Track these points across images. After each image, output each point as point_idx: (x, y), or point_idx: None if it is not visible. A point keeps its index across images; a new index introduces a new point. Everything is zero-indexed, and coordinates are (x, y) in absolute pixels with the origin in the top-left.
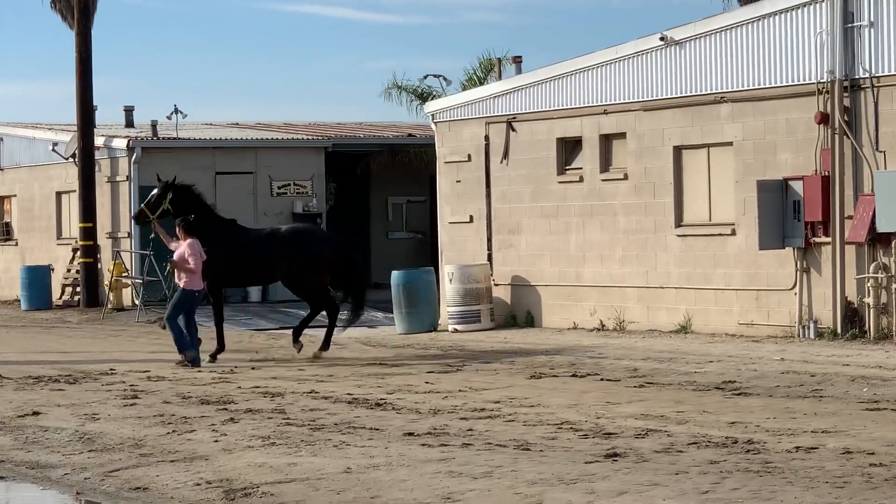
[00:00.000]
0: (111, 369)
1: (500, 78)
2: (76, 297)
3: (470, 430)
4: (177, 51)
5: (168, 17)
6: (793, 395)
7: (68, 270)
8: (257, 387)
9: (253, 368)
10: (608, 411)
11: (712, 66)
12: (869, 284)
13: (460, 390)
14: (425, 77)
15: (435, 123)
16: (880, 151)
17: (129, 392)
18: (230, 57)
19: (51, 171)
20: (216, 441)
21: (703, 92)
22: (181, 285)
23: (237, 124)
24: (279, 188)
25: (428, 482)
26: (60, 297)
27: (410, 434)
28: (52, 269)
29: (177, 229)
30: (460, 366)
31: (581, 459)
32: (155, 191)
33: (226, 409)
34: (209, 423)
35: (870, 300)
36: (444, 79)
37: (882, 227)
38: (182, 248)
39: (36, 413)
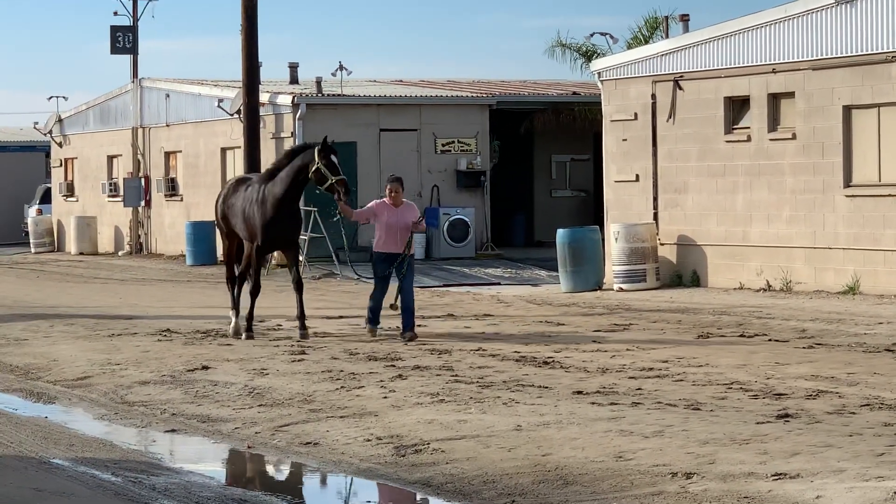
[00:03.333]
0: (278, 325)
1: (667, 36)
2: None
3: (639, 389)
4: (341, 8)
5: None
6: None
7: None
8: (423, 343)
9: (418, 326)
10: (777, 372)
11: (885, 25)
12: None
13: (627, 349)
14: (592, 35)
15: (601, 81)
16: None
17: (297, 348)
18: (393, 14)
19: (216, 127)
20: (385, 397)
21: (875, 51)
22: (411, 253)
23: (401, 81)
24: (443, 145)
25: (599, 440)
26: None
27: (579, 392)
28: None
29: (392, 188)
30: (627, 325)
31: (752, 420)
32: (316, 157)
33: (393, 366)
34: (377, 380)
35: None
36: (611, 37)
37: None
38: (413, 211)
39: (205, 367)
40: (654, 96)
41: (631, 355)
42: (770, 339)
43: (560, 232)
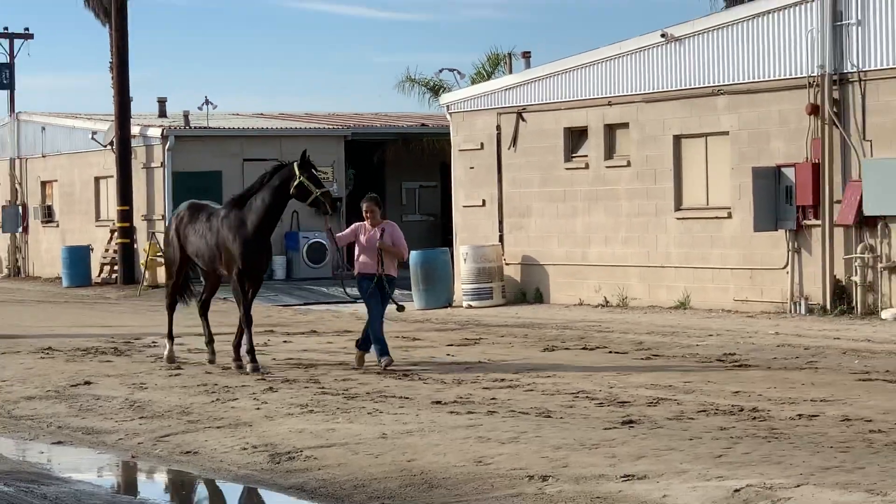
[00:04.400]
0: (153, 342)
1: (510, 72)
2: (114, 275)
3: (493, 398)
4: (205, 45)
5: (194, 14)
6: (790, 367)
7: (106, 250)
8: (290, 358)
9: (285, 342)
10: (620, 381)
11: (710, 61)
12: (856, 264)
13: (480, 361)
14: (441, 71)
15: (450, 114)
16: (867, 140)
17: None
18: (253, 51)
19: (90, 158)
20: (258, 409)
21: (702, 85)
22: (393, 273)
23: (262, 114)
24: None
25: (459, 446)
26: (99, 275)
27: (438, 402)
28: (92, 249)
29: (368, 209)
30: (477, 339)
31: (599, 426)
32: (297, 171)
33: (264, 380)
34: (250, 392)
35: (857, 278)
36: (458, 73)
37: (869, 211)
38: (392, 230)
39: (87, 382)
40: (499, 127)
41: (483, 367)
42: (610, 352)
43: (412, 253)
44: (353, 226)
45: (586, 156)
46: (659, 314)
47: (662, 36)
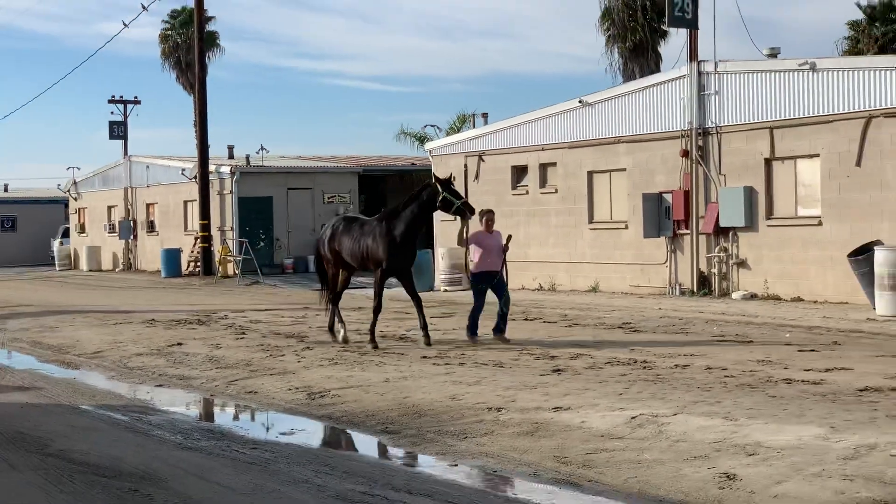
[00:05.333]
0: (225, 315)
1: (473, 126)
2: (197, 269)
3: (463, 353)
4: (261, 107)
5: (254, 87)
6: (669, 332)
7: (191, 252)
8: (322, 326)
9: (316, 315)
10: (551, 342)
11: (613, 120)
12: (714, 260)
13: (453, 329)
14: (425, 126)
15: (431, 156)
16: (722, 174)
17: (239, 330)
18: (295, 112)
19: (180, 187)
20: (298, 362)
21: (607, 136)
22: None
23: (300, 157)
24: (328, 198)
25: (439, 388)
26: (186, 270)
27: (425, 357)
28: (181, 251)
29: (490, 218)
30: (452, 313)
31: (537, 373)
32: (440, 189)
33: (303, 342)
34: (293, 350)
35: (715, 270)
36: (437, 127)
37: (723, 224)
38: (501, 236)
39: (179, 343)
40: (466, 166)
41: (455, 332)
42: (544, 321)
43: None
44: (473, 233)
45: (527, 185)
46: (578, 296)
47: (580, 102)
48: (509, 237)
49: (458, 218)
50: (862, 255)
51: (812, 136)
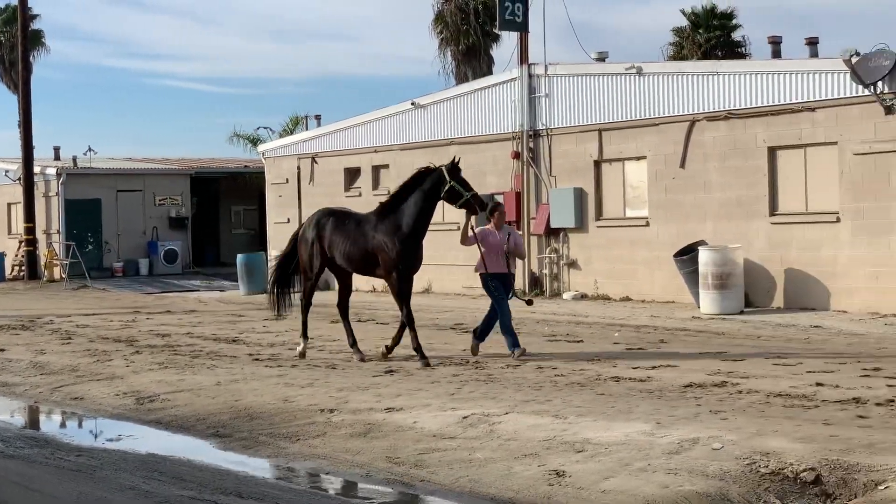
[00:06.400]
0: (51, 320)
1: (307, 129)
2: (21, 274)
3: (296, 356)
4: (88, 107)
5: (81, 86)
6: (499, 332)
7: (16, 255)
8: (151, 330)
9: (147, 318)
10: (384, 343)
11: (445, 122)
12: (546, 261)
13: (286, 331)
14: (258, 129)
15: (265, 159)
16: (552, 176)
17: (65, 335)
18: (124, 113)
19: (4, 189)
20: (127, 366)
21: (439, 138)
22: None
23: (130, 158)
24: (160, 200)
25: (272, 390)
26: (11, 274)
27: (257, 359)
28: (5, 255)
29: (500, 213)
30: (285, 315)
31: (370, 374)
32: (447, 177)
33: (132, 345)
34: (122, 355)
35: (546, 271)
36: (270, 130)
37: (554, 225)
38: (514, 234)
39: (1, 350)
40: (299, 168)
41: (288, 334)
42: (376, 323)
43: (239, 256)
44: (479, 229)
45: (360, 187)
46: (412, 297)
47: (412, 104)
48: (509, 235)
49: (465, 211)
50: (687, 255)
51: (639, 138)
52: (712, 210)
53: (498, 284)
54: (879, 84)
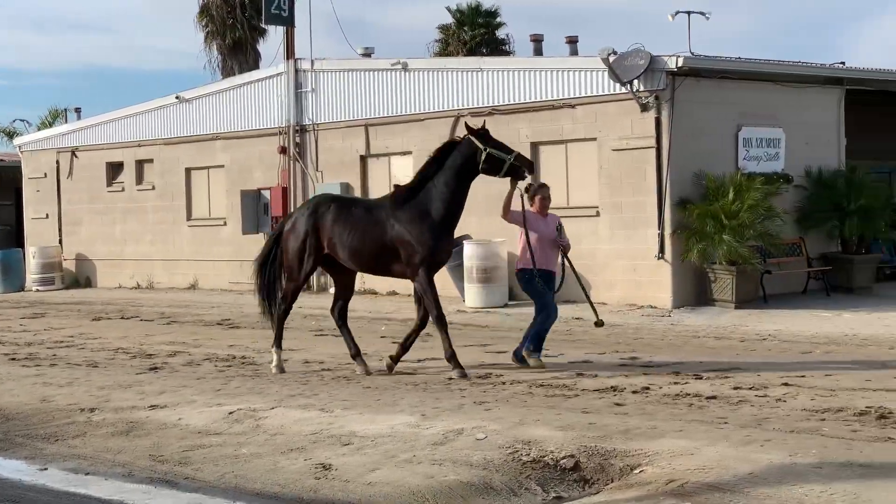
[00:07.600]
0: None
1: (66, 122)
2: None
3: (54, 354)
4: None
5: None
6: (268, 327)
7: None
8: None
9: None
10: (148, 340)
11: (211, 116)
12: None
13: (48, 328)
14: (14, 121)
15: (21, 152)
16: (319, 171)
17: None
18: None
19: None
20: None
21: (205, 132)
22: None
23: None
24: None
25: (29, 390)
26: None
27: (14, 359)
28: None
29: (545, 196)
30: (44, 314)
31: (133, 372)
32: (478, 143)
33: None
34: None
35: None
36: (27, 122)
37: None
38: (561, 223)
39: None
40: (58, 162)
41: (48, 333)
42: (141, 320)
43: None
44: (519, 211)
45: (123, 182)
46: (177, 293)
47: (177, 98)
48: (559, 227)
49: (510, 180)
50: (453, 249)
51: (405, 133)
52: (477, 205)
53: (548, 284)
54: (636, 82)
